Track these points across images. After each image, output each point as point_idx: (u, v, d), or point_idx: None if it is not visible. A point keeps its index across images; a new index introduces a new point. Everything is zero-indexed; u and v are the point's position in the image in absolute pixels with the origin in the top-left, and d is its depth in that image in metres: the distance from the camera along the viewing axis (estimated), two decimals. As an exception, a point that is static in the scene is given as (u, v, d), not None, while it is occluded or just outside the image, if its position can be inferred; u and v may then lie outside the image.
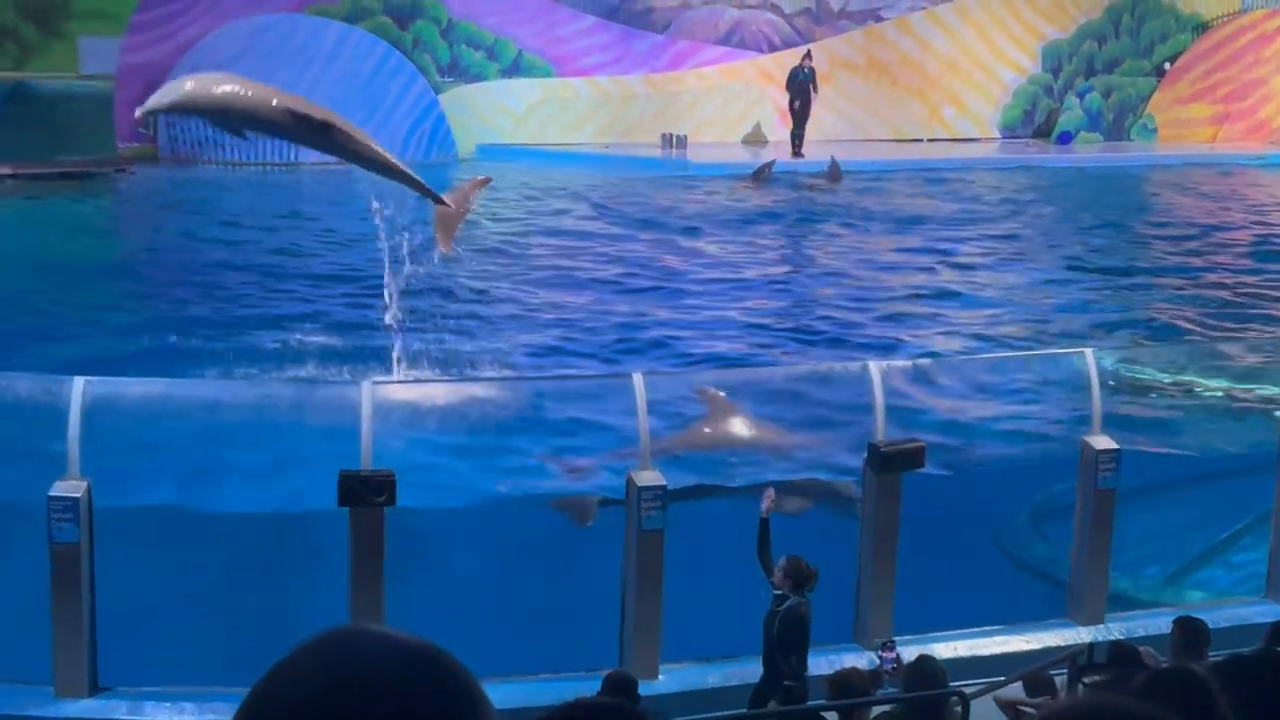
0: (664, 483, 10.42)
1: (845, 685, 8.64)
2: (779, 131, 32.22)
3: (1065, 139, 35.07)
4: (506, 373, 16.00)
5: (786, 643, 9.35)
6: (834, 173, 29.37)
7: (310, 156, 28.06)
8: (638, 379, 10.81)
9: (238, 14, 28.13)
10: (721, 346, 17.53)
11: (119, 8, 30.92)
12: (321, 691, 1.40)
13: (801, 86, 31.07)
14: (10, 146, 27.60)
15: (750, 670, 10.73)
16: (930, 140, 34.23)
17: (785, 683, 9.33)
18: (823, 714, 8.99)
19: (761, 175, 28.97)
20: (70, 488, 9.73)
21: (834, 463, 13.40)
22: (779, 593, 9.47)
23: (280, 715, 1.39)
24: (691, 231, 24.12)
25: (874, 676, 9.07)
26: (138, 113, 14.01)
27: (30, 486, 10.39)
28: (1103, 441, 11.43)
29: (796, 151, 30.60)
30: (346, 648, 1.44)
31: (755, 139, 32.83)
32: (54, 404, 10.17)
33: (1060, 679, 9.25)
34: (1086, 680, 8.78)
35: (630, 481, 10.44)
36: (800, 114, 31.15)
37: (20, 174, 26.34)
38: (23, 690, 10.00)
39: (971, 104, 35.00)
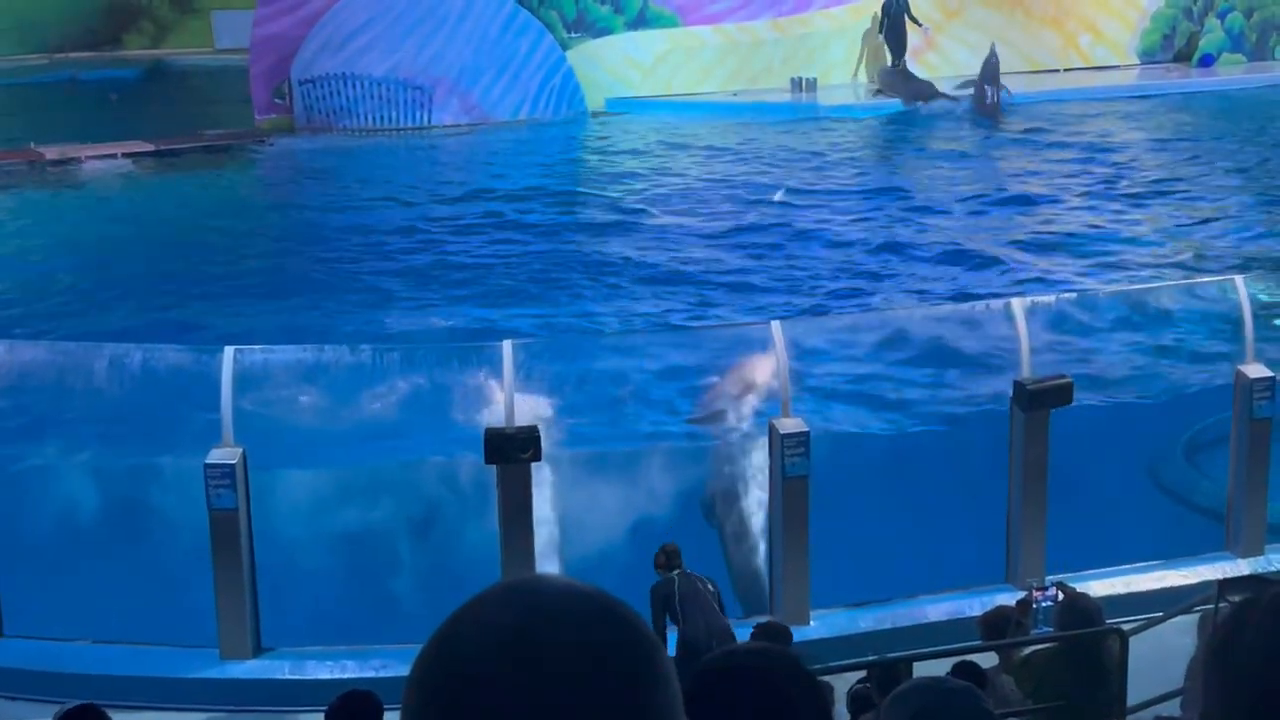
0: (806, 429, 10.35)
1: (995, 626, 8.53)
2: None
3: (1207, 61, 34.04)
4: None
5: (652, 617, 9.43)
6: (982, 99, 28.82)
7: (441, 119, 28.32)
8: (776, 326, 10.73)
9: (366, -20, 28.29)
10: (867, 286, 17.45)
11: (250, -19, 31.30)
12: (510, 637, 1.42)
13: (895, 18, 30.48)
14: (151, 123, 28.13)
15: (903, 614, 10.67)
16: (1067, 70, 33.42)
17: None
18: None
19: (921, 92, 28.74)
20: (226, 455, 9.92)
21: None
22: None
23: (467, 658, 1.41)
24: (824, 170, 23.92)
25: (1022, 606, 8.85)
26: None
27: (192, 454, 10.65)
28: (1257, 370, 11.14)
29: None
30: (530, 594, 1.47)
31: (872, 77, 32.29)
32: (205, 373, 10.39)
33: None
34: (1232, 598, 8.55)
35: (772, 428, 10.39)
36: (896, 47, 30.60)
37: (162, 150, 26.85)
38: (189, 653, 10.27)
39: (1108, 30, 34.11)
